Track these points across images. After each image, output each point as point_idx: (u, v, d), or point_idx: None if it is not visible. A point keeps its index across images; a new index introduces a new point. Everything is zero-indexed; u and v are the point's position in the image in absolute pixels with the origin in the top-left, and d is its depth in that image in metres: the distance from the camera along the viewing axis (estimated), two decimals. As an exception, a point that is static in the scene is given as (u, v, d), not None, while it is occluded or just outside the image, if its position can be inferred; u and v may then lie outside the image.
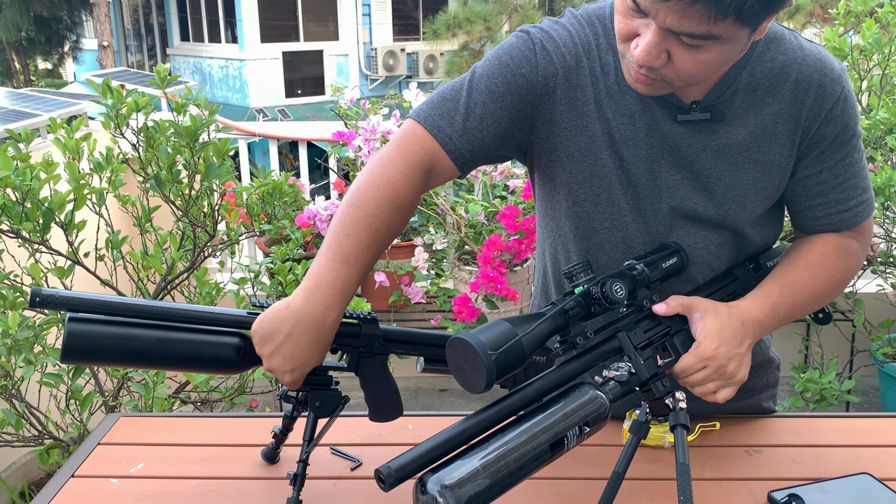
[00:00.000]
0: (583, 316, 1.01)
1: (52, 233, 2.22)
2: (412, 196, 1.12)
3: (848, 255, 1.22)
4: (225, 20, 14.31)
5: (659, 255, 1.12)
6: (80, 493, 1.15)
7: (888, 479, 1.10)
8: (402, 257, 3.29)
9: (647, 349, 1.06)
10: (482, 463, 0.86)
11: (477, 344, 0.90)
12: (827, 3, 10.38)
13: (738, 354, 1.09)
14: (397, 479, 0.84)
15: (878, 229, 3.00)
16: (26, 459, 2.88)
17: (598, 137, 1.17)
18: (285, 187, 2.97)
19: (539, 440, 0.90)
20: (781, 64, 1.15)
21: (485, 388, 0.90)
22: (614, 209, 1.20)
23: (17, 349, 1.98)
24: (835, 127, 1.16)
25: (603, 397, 0.96)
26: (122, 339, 1.01)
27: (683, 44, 1.00)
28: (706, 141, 1.16)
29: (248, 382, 2.41)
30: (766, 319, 1.14)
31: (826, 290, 1.21)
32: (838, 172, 1.19)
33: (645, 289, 1.09)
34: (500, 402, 0.94)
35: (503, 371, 0.91)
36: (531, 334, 0.94)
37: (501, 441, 0.89)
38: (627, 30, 1.04)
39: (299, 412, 1.16)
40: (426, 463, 0.86)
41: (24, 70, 17.12)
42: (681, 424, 0.99)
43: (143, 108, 2.37)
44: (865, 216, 1.23)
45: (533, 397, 0.95)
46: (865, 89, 2.99)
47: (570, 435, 0.92)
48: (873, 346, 3.05)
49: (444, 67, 12.09)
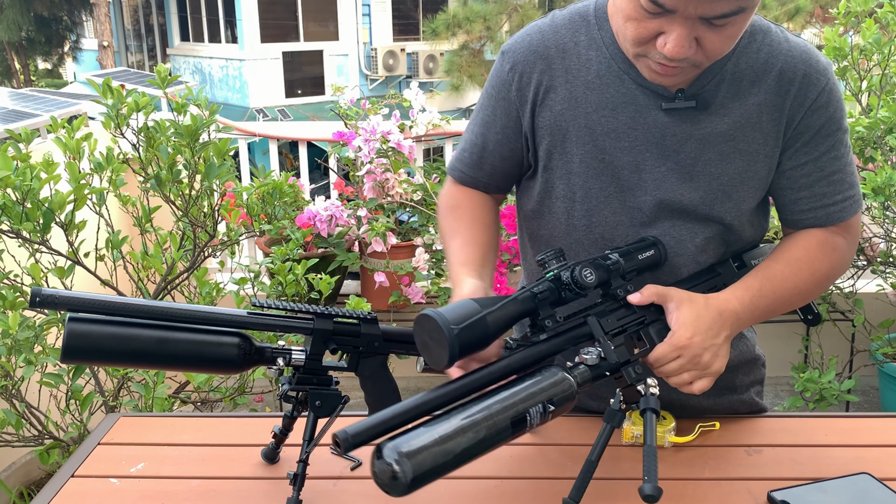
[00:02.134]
0: (553, 301, 1.03)
1: (52, 233, 2.22)
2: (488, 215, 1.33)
3: (833, 251, 1.22)
4: (225, 20, 14.31)
5: (635, 247, 1.13)
6: (80, 493, 1.15)
7: (888, 479, 1.10)
8: (402, 257, 3.29)
9: (619, 336, 1.06)
10: (441, 434, 0.86)
11: (440, 318, 0.92)
12: (827, 4, 10.38)
13: (714, 345, 1.08)
14: (353, 445, 0.85)
15: (878, 229, 3.00)
16: (26, 459, 2.88)
17: (572, 134, 1.20)
18: (285, 187, 2.97)
19: (501, 416, 0.91)
20: (767, 55, 1.16)
21: (448, 363, 0.93)
22: (591, 205, 1.22)
23: (18, 349, 1.98)
24: (819, 117, 1.16)
25: (571, 379, 0.97)
26: (122, 339, 1.01)
27: (713, 26, 1.02)
28: (691, 130, 1.16)
29: (248, 382, 2.41)
30: (745, 312, 1.13)
31: (809, 286, 1.20)
32: (823, 165, 1.19)
33: (620, 279, 1.09)
34: (464, 377, 0.95)
35: (467, 346, 0.93)
36: (496, 313, 0.96)
37: (463, 414, 0.89)
38: (646, 32, 1.05)
39: (299, 412, 1.16)
40: (384, 430, 0.87)
41: (24, 70, 17.12)
42: (650, 409, 1.00)
43: (143, 108, 2.37)
44: (852, 212, 1.22)
45: (498, 375, 0.96)
46: (865, 89, 2.99)
47: (533, 413, 0.93)
48: (873, 346, 3.05)
49: (444, 67, 12.09)
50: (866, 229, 3.07)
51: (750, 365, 1.36)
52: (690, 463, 1.18)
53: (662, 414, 1.24)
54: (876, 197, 2.58)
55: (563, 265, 1.04)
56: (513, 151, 1.27)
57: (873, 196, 2.58)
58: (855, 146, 2.83)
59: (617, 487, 1.12)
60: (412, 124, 3.57)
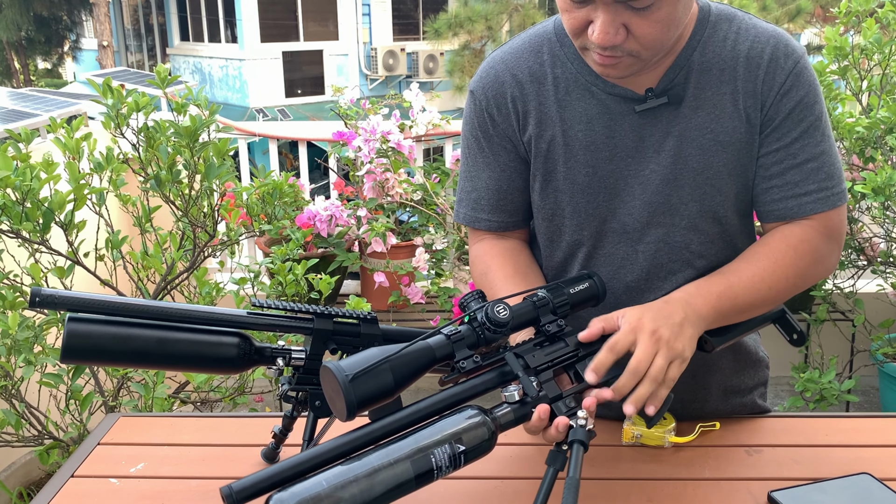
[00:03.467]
0: (472, 343, 0.97)
1: (52, 233, 2.22)
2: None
3: (807, 252, 1.16)
4: (225, 20, 14.30)
5: (566, 281, 1.09)
6: (79, 493, 1.15)
7: (888, 479, 1.10)
8: (402, 257, 3.29)
9: (547, 371, 1.01)
10: (331, 484, 0.83)
11: (335, 368, 0.87)
12: (827, 3, 10.38)
13: (671, 323, 1.04)
14: (237, 500, 0.83)
15: (878, 229, 3.00)
16: (26, 459, 2.88)
17: (553, 153, 1.20)
18: (285, 187, 2.97)
19: (401, 464, 0.86)
20: (733, 42, 1.15)
21: (348, 414, 0.87)
22: (580, 220, 1.21)
23: (17, 349, 1.98)
24: (789, 101, 1.13)
25: (485, 418, 0.92)
26: (122, 339, 1.01)
27: (636, 11, 1.01)
28: (668, 128, 1.15)
29: (248, 382, 2.41)
30: (698, 298, 1.09)
31: (779, 284, 1.14)
32: (795, 152, 1.15)
33: (550, 314, 1.04)
34: (366, 427, 0.91)
35: (367, 396, 0.88)
36: (400, 359, 0.90)
37: (357, 463, 0.85)
38: (577, 23, 1.05)
39: (299, 412, 1.16)
40: (273, 485, 0.84)
41: (23, 70, 17.12)
42: (578, 440, 0.94)
43: (143, 108, 2.37)
44: (829, 205, 1.16)
45: (407, 422, 0.92)
46: (866, 89, 2.99)
47: (439, 454, 0.88)
48: (873, 346, 3.05)
49: (445, 67, 12.09)
50: (866, 229, 3.07)
51: (754, 367, 1.35)
52: (690, 463, 1.18)
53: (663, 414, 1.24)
54: (876, 197, 2.57)
55: (482, 306, 0.99)
56: (526, 181, 1.26)
57: (873, 196, 2.58)
58: (855, 146, 2.83)
59: (617, 487, 1.12)
60: (412, 124, 3.57)
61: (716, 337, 1.16)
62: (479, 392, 0.97)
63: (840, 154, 2.93)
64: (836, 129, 2.86)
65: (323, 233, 3.22)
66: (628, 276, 1.22)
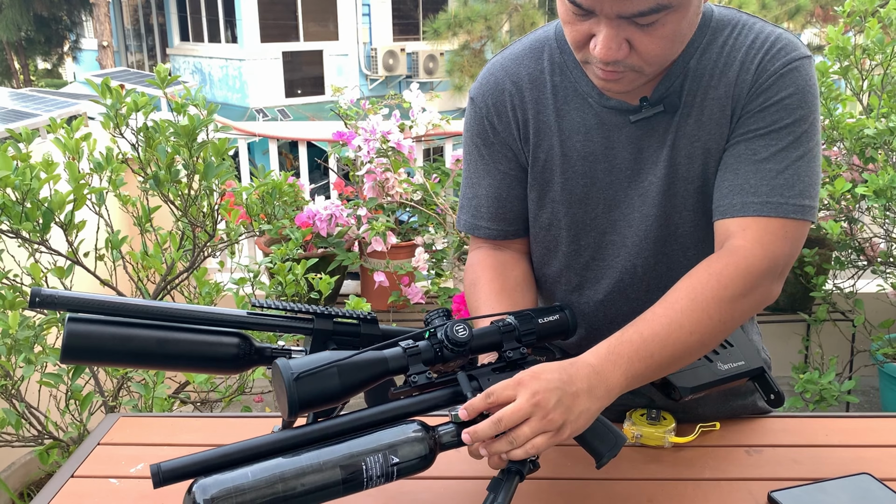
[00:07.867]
0: (428, 358, 0.97)
1: (52, 233, 2.22)
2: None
3: (734, 279, 1.02)
4: (225, 20, 14.31)
5: (538, 310, 1.07)
6: (79, 494, 1.15)
7: (888, 479, 1.10)
8: (402, 257, 3.29)
9: None
10: (256, 477, 0.84)
11: (283, 366, 0.89)
12: (827, 3, 10.38)
13: (563, 392, 0.93)
14: (162, 480, 0.85)
15: (878, 229, 3.00)
16: (26, 459, 2.88)
17: (550, 163, 1.19)
18: (285, 187, 2.97)
19: (330, 468, 0.86)
20: (730, 48, 1.10)
21: (290, 412, 0.87)
22: (577, 231, 1.21)
23: (17, 349, 1.98)
24: (765, 98, 1.07)
25: (424, 433, 0.93)
26: (121, 339, 1.01)
27: (639, 26, 0.98)
28: (664, 137, 1.13)
29: (248, 382, 2.41)
30: (608, 365, 0.98)
31: (702, 326, 1.01)
32: (756, 149, 1.07)
33: (514, 341, 1.03)
34: (301, 427, 0.91)
35: (311, 397, 0.88)
36: (349, 365, 0.91)
37: (287, 460, 0.86)
38: (580, 36, 1.03)
39: (299, 412, 1.15)
40: (201, 470, 0.86)
41: (23, 70, 17.12)
42: (517, 469, 0.93)
43: (142, 108, 2.37)
44: (778, 213, 1.05)
45: (347, 428, 0.92)
46: (867, 89, 2.99)
47: (372, 468, 0.88)
48: (873, 347, 3.05)
49: (445, 67, 12.10)
50: (866, 229, 3.08)
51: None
52: (690, 463, 1.18)
53: (663, 414, 1.24)
54: (878, 199, 2.57)
55: (444, 324, 0.99)
56: (526, 189, 1.25)
57: (875, 198, 2.57)
58: (855, 146, 2.83)
59: (617, 487, 1.12)
60: (412, 124, 3.57)
61: (683, 386, 1.14)
62: (426, 408, 0.97)
63: (840, 154, 2.94)
64: (836, 129, 2.86)
65: (323, 232, 3.22)
66: (628, 288, 1.22)
